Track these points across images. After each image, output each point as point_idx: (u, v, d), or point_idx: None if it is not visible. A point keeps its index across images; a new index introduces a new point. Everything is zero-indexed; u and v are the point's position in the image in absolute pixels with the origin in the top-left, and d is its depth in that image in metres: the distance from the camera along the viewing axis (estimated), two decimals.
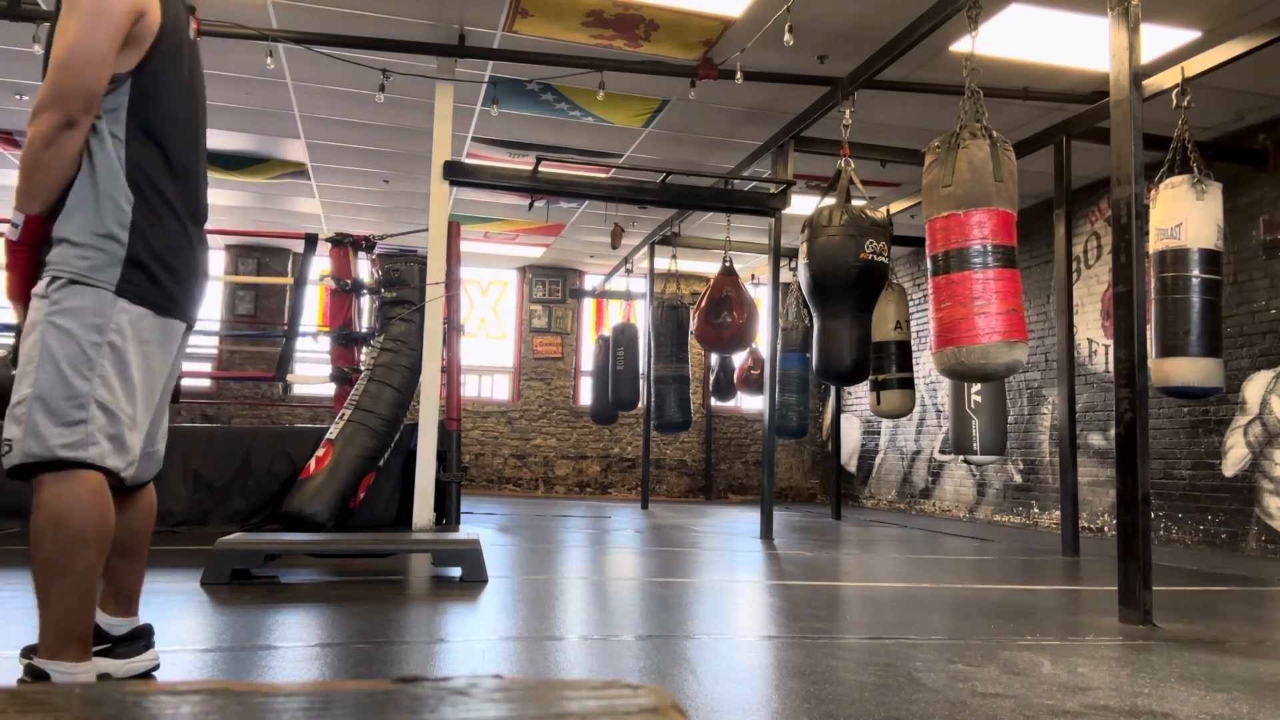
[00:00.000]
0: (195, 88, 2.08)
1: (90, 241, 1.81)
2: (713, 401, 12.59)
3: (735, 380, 11.06)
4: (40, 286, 1.81)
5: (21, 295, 1.87)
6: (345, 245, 6.75)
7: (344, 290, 6.67)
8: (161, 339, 1.93)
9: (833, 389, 10.84)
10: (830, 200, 5.74)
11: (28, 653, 1.94)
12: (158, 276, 1.88)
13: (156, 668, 2.13)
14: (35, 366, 1.77)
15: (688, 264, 11.64)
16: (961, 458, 7.21)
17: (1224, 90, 6.16)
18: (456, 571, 4.05)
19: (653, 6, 5.40)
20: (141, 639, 2.11)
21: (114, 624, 2.08)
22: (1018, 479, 9.14)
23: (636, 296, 11.55)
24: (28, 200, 1.80)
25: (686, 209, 8.31)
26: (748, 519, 8.75)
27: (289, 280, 6.72)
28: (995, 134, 4.33)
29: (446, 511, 6.01)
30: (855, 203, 5.68)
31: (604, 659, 2.60)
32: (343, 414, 5.84)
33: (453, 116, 6.11)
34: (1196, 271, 5.22)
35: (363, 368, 6.23)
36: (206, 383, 11.64)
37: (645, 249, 10.00)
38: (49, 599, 1.81)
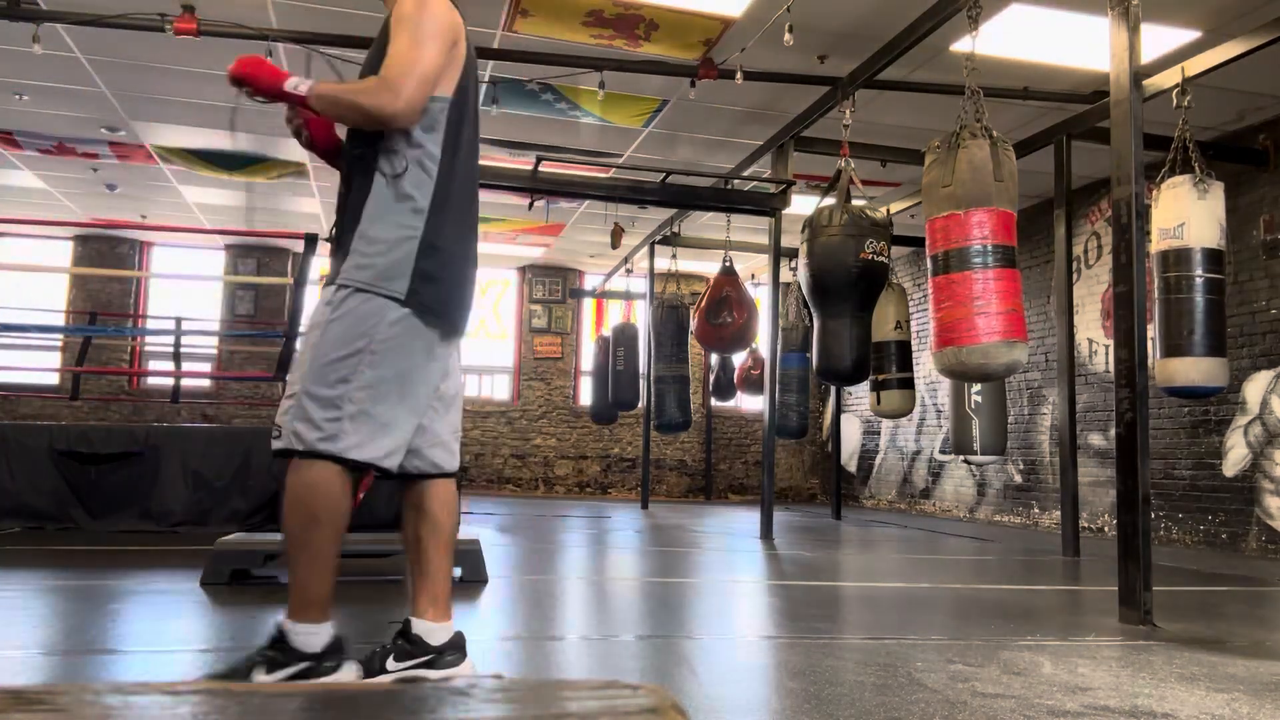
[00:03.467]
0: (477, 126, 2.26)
1: (381, 252, 1.98)
2: (713, 401, 12.59)
3: (735, 380, 11.06)
4: (328, 293, 1.99)
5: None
6: None
7: None
8: (432, 347, 2.05)
9: (833, 389, 10.85)
10: (830, 200, 5.74)
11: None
12: (440, 291, 2.03)
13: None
14: (308, 361, 1.96)
15: (688, 264, 11.63)
16: (962, 458, 7.21)
17: (1224, 90, 6.16)
18: (456, 571, 4.05)
19: (653, 6, 5.40)
20: (459, 649, 2.15)
21: (432, 629, 2.13)
22: (1018, 479, 9.14)
23: (636, 296, 11.55)
24: (323, 104, 1.99)
25: (686, 209, 8.31)
26: (748, 519, 8.75)
27: (289, 280, 6.72)
28: (995, 134, 4.33)
29: None
30: (855, 203, 5.67)
31: (604, 659, 2.60)
32: None
33: None
34: (1199, 271, 5.22)
35: None
36: (206, 383, 11.65)
37: (645, 249, 10.00)
38: (294, 568, 2.00)
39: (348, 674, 2.04)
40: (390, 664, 2.05)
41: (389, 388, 1.98)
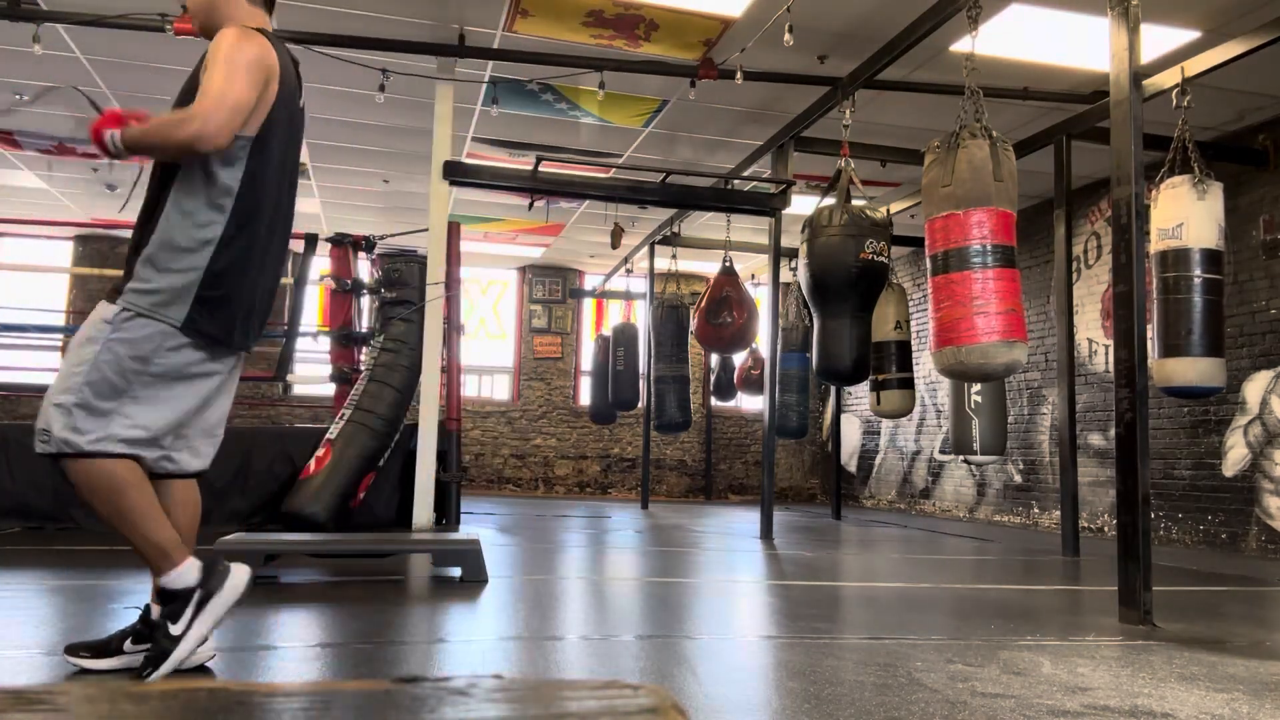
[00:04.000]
0: (293, 152, 2.38)
1: (163, 280, 2.10)
2: (713, 401, 12.59)
3: (735, 380, 11.06)
4: (109, 312, 2.09)
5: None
6: (345, 245, 6.75)
7: (344, 290, 6.67)
8: (206, 364, 2.23)
9: (833, 389, 10.85)
10: (830, 200, 5.74)
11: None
12: (222, 317, 2.17)
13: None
14: (83, 373, 2.06)
15: (688, 264, 11.63)
16: (961, 458, 7.21)
17: (1224, 90, 6.16)
18: (456, 571, 4.05)
19: (653, 6, 5.40)
20: (215, 566, 2.26)
21: (180, 574, 2.21)
22: (1018, 479, 9.14)
23: (636, 296, 11.55)
24: (136, 146, 2.07)
25: (686, 209, 8.31)
26: (748, 519, 8.75)
27: (289, 280, 6.72)
28: (995, 134, 4.33)
29: (446, 511, 6.01)
30: (855, 203, 5.67)
31: (604, 659, 2.60)
32: (343, 414, 5.84)
33: (453, 116, 6.11)
34: (1198, 271, 5.22)
35: (363, 368, 6.23)
36: None
37: (645, 249, 10.00)
38: (132, 537, 2.11)
39: (239, 572, 2.21)
40: (172, 628, 2.12)
41: (159, 402, 2.15)
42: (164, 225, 2.12)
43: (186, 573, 2.14)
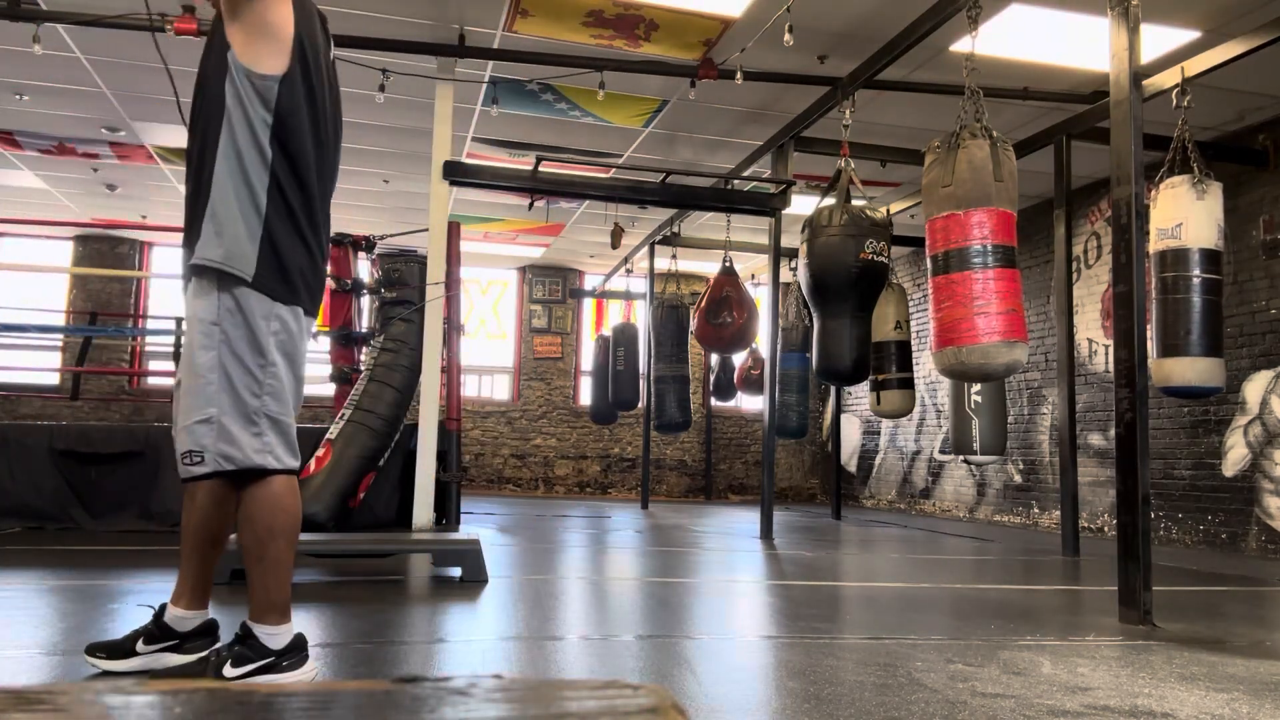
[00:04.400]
0: (332, 105, 2.34)
1: (232, 232, 2.05)
2: (713, 401, 12.59)
3: (735, 380, 11.05)
4: (212, 300, 2.05)
5: None
6: (345, 245, 6.74)
7: (344, 290, 6.67)
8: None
9: (833, 389, 10.84)
10: (830, 200, 5.74)
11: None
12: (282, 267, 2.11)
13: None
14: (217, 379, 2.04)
15: (688, 264, 11.63)
16: (961, 458, 7.21)
17: (1224, 90, 6.16)
18: (456, 571, 4.05)
19: (653, 6, 5.40)
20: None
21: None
22: (1018, 479, 9.14)
23: (636, 296, 11.54)
24: None
25: (686, 209, 8.31)
26: (748, 519, 8.75)
27: None
28: (995, 134, 4.33)
29: (446, 511, 6.01)
30: (855, 203, 5.68)
31: (604, 659, 2.60)
32: (343, 414, 5.84)
33: (453, 116, 6.11)
34: (1197, 271, 5.22)
35: (363, 368, 6.23)
36: None
37: (645, 249, 10.00)
38: (254, 581, 2.09)
39: (307, 670, 2.14)
40: (228, 670, 2.06)
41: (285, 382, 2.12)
42: (219, 178, 2.06)
43: (281, 636, 2.10)
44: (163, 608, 2.23)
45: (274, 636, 2.09)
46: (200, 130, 2.13)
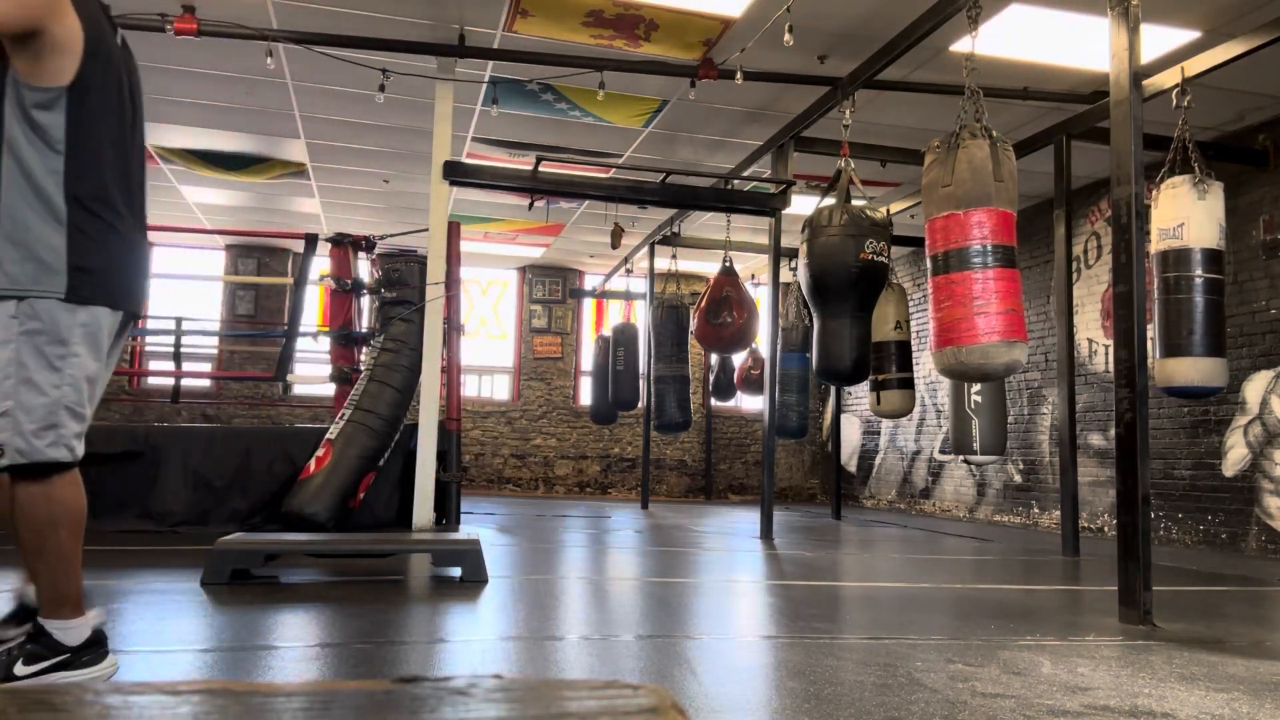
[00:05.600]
0: (131, 95, 2.20)
1: (32, 253, 1.96)
2: (713, 401, 12.59)
3: (735, 380, 11.06)
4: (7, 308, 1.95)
5: None
6: (345, 245, 6.74)
7: (344, 290, 6.67)
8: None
9: (833, 389, 10.84)
10: (830, 200, 5.74)
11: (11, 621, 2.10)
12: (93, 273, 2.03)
13: (114, 674, 2.14)
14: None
15: (688, 264, 11.63)
16: (961, 458, 7.21)
17: (1224, 90, 6.16)
18: (456, 571, 4.05)
19: (653, 6, 5.40)
20: (100, 645, 2.12)
21: (66, 628, 2.06)
22: (1018, 479, 9.14)
23: (636, 296, 11.54)
24: None
25: (686, 209, 8.31)
26: (748, 519, 8.75)
27: (289, 280, 6.72)
28: (995, 134, 4.33)
29: (446, 511, 6.01)
30: (855, 203, 5.68)
31: (604, 659, 2.60)
32: (343, 414, 5.84)
33: (453, 116, 6.11)
34: (1199, 271, 5.22)
35: (363, 368, 6.23)
36: (206, 383, 11.65)
37: (645, 249, 10.00)
38: (40, 577, 2.02)
39: (106, 667, 2.07)
40: (19, 669, 1.98)
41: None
42: (8, 196, 1.96)
43: (76, 633, 2.03)
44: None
45: (68, 632, 2.02)
46: None
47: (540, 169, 6.16)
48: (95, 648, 2.06)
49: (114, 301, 2.08)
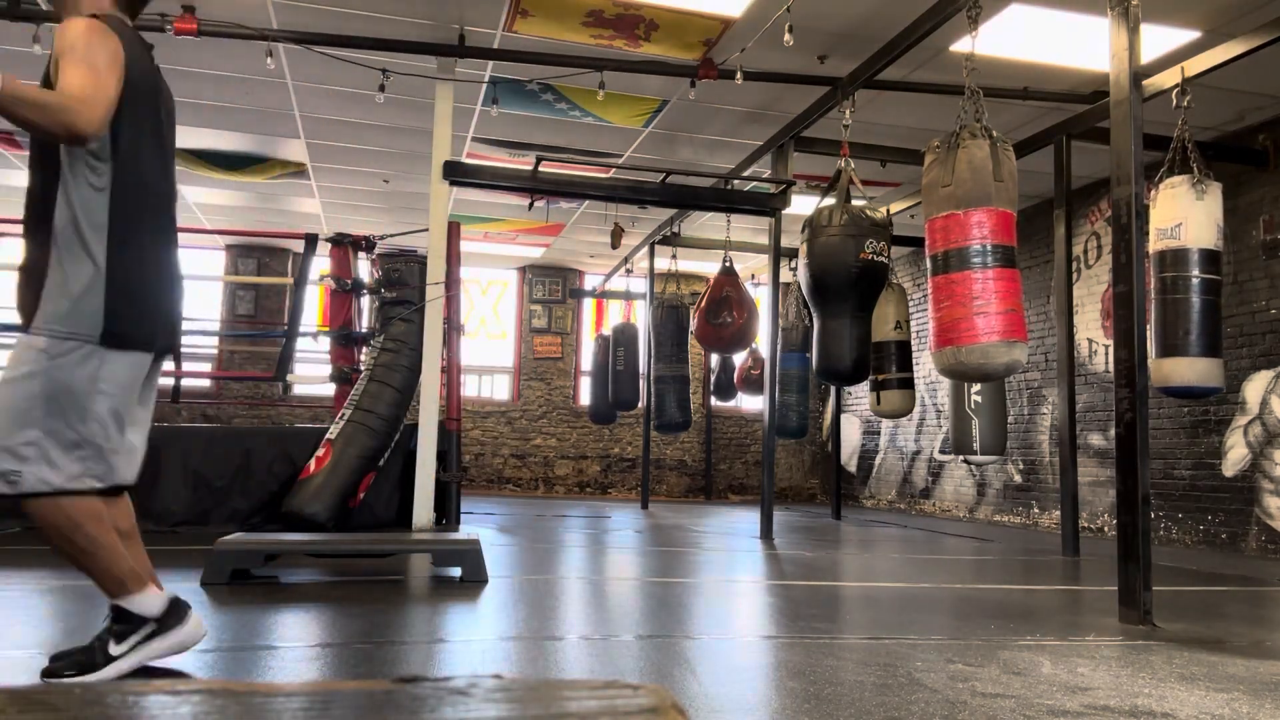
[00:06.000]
0: (167, 122, 2.29)
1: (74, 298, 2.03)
2: (713, 401, 12.59)
3: (735, 380, 11.06)
4: (39, 342, 2.02)
5: None
6: (345, 245, 6.74)
7: (344, 290, 6.67)
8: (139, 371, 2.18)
9: (833, 389, 10.85)
10: (830, 200, 5.74)
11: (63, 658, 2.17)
12: (132, 317, 2.10)
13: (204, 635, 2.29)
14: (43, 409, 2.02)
15: (688, 264, 11.63)
16: (961, 458, 7.21)
17: (1224, 90, 6.16)
18: (456, 571, 4.05)
19: (653, 6, 5.40)
20: (181, 608, 2.22)
21: (144, 600, 2.17)
22: (1018, 479, 9.14)
23: (636, 296, 11.54)
24: (15, 99, 1.92)
25: (686, 209, 8.31)
26: (748, 519, 8.75)
27: (289, 280, 6.72)
28: (995, 134, 4.33)
29: (446, 511, 6.01)
30: (855, 203, 5.68)
31: (604, 659, 2.60)
32: (343, 414, 5.84)
33: (453, 116, 6.11)
34: (1196, 272, 5.22)
35: (363, 368, 6.23)
36: (206, 383, 11.65)
37: (645, 249, 10.00)
38: (89, 570, 2.11)
39: (194, 627, 2.19)
40: (113, 649, 2.10)
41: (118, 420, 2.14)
42: (58, 242, 2.04)
43: (148, 602, 2.13)
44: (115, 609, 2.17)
45: (143, 603, 2.11)
46: (39, 185, 2.10)
47: (540, 169, 6.16)
48: (178, 612, 2.16)
49: (149, 344, 2.15)
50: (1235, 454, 6.77)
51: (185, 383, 11.20)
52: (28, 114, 1.92)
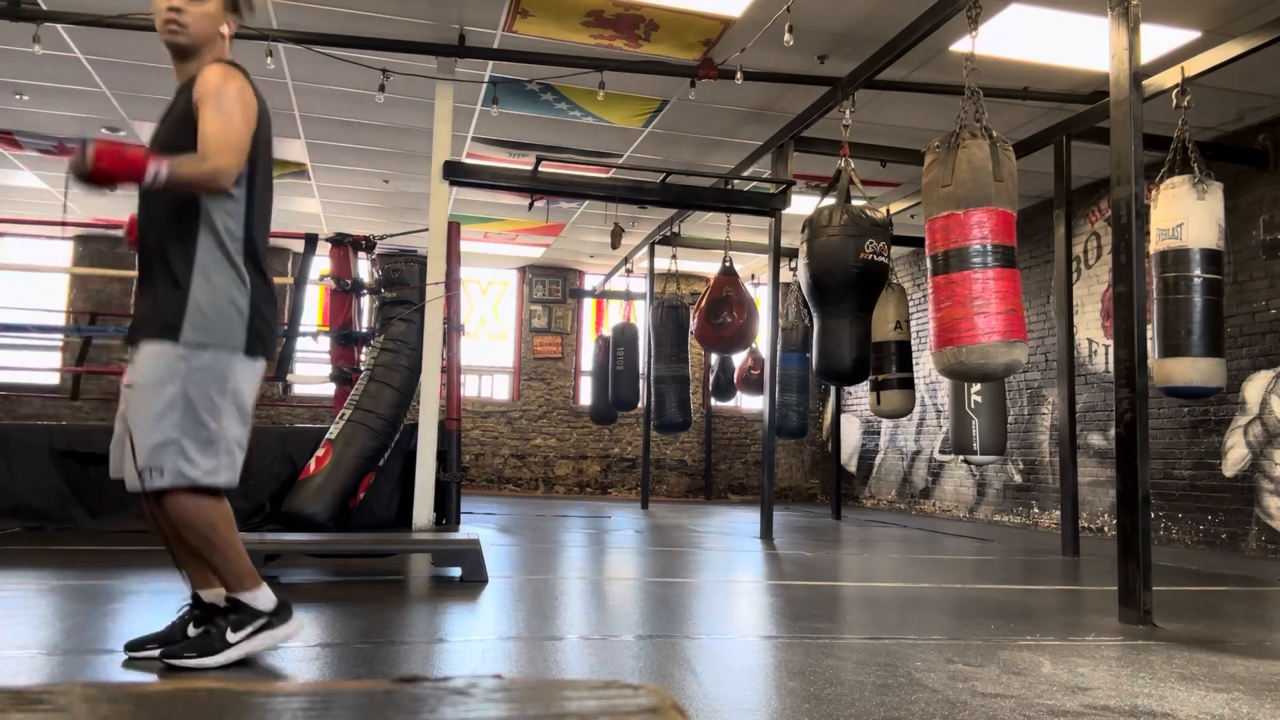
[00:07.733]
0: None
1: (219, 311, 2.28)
2: (713, 401, 12.59)
3: (735, 380, 11.06)
4: (177, 350, 2.22)
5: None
6: (345, 245, 6.74)
7: (344, 290, 6.67)
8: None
9: (833, 389, 10.84)
10: (830, 200, 5.74)
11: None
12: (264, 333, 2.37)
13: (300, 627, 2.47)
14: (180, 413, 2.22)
15: (688, 264, 11.63)
16: (961, 458, 7.21)
17: (1224, 90, 6.16)
18: (456, 571, 4.05)
19: (653, 6, 5.40)
20: (287, 608, 2.41)
21: (256, 596, 2.36)
22: (1018, 479, 9.14)
23: (636, 296, 11.54)
24: (174, 184, 2.16)
25: (686, 209, 8.31)
26: (748, 519, 8.75)
27: (289, 280, 6.72)
28: (995, 134, 4.33)
29: (446, 511, 6.01)
30: (855, 203, 5.68)
31: (604, 659, 2.60)
32: (343, 414, 5.84)
33: (453, 116, 6.11)
34: (1198, 271, 5.22)
35: (363, 368, 6.23)
36: None
37: (645, 249, 10.00)
38: (217, 562, 2.29)
39: (297, 625, 2.40)
40: (230, 636, 2.29)
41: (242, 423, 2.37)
42: (201, 260, 2.26)
43: (262, 598, 2.33)
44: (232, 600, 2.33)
45: (258, 598, 2.32)
46: (171, 204, 2.30)
47: (540, 169, 6.16)
48: (285, 611, 2.36)
49: (270, 354, 2.42)
50: (1235, 454, 6.77)
51: None
52: (184, 187, 2.20)
